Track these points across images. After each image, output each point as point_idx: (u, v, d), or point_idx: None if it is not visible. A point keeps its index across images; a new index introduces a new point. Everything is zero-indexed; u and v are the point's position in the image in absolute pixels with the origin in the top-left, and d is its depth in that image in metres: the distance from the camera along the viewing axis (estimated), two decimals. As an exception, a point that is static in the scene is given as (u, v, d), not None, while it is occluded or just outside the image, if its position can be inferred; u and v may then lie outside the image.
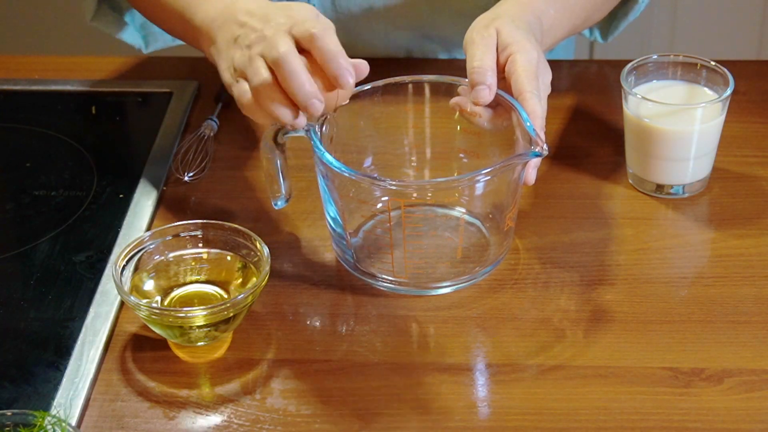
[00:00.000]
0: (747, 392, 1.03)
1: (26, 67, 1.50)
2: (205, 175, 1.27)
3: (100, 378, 1.07)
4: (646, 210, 1.23)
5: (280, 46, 1.05)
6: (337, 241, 1.16)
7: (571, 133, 1.33)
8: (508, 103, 1.11)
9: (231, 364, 1.08)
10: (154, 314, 1.06)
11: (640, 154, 1.24)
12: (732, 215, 1.22)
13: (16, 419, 0.96)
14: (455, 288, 1.14)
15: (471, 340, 1.09)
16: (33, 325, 1.11)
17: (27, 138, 1.37)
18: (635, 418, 1.01)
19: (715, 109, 1.21)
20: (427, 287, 1.14)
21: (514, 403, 1.03)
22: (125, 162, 1.33)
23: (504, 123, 1.13)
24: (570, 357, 1.07)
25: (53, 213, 1.25)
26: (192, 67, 1.47)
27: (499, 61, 1.14)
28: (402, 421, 1.02)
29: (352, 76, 1.05)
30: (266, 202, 1.25)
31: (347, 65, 1.05)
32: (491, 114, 1.13)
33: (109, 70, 1.48)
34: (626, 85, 1.22)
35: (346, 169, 1.08)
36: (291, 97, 1.05)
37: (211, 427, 1.02)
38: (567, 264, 1.17)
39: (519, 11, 1.18)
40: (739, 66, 1.36)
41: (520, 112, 1.09)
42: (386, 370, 1.06)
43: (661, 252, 1.18)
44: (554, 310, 1.12)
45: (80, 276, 1.16)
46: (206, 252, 1.14)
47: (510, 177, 1.10)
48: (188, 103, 1.40)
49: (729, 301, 1.12)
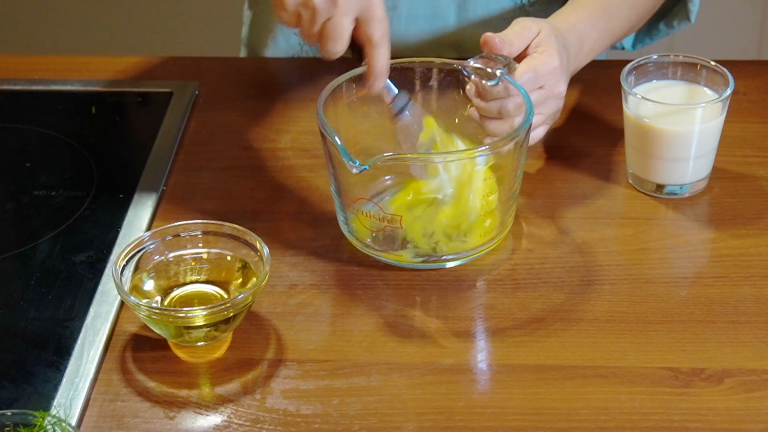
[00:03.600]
0: (747, 392, 1.03)
1: (26, 67, 1.50)
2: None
3: (100, 378, 1.07)
4: (646, 210, 1.23)
5: (339, 28, 1.12)
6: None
7: (571, 133, 1.33)
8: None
9: (231, 364, 1.08)
10: (154, 314, 1.06)
11: (640, 154, 1.24)
12: (732, 215, 1.22)
13: (16, 419, 0.96)
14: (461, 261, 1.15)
15: (471, 340, 1.09)
16: (33, 325, 1.11)
17: (27, 138, 1.37)
18: (635, 418, 1.01)
19: (715, 109, 1.21)
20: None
21: (514, 403, 1.03)
22: (125, 162, 1.33)
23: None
24: (570, 357, 1.07)
25: (53, 213, 1.25)
26: (192, 67, 1.47)
27: (524, 52, 1.19)
28: (402, 421, 1.02)
29: (379, 89, 1.17)
30: (266, 202, 1.25)
31: (380, 85, 1.16)
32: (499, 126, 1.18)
33: (109, 70, 1.47)
34: (626, 85, 1.22)
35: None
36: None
37: (211, 427, 1.02)
38: (567, 264, 1.17)
39: (565, 27, 1.24)
40: (739, 66, 1.36)
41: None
42: (386, 370, 1.06)
43: (661, 252, 1.18)
44: (554, 310, 1.12)
45: (80, 276, 1.16)
46: (206, 252, 1.14)
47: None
48: (188, 103, 1.40)
49: (729, 301, 1.12)
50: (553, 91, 1.21)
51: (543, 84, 1.20)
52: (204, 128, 1.37)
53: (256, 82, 1.45)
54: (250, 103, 1.40)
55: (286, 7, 1.13)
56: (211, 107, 1.40)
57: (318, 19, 1.12)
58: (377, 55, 1.15)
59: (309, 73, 1.45)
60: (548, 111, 1.22)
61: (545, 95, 1.20)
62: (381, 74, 1.16)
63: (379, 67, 1.15)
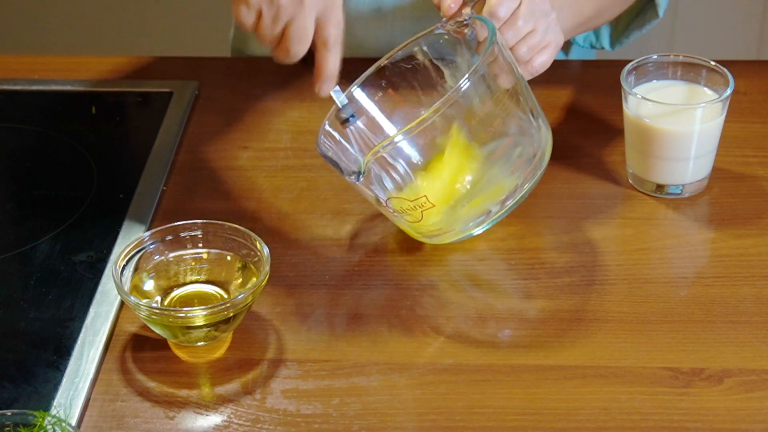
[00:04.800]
0: (747, 392, 1.03)
1: (26, 67, 1.50)
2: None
3: (100, 378, 1.07)
4: (646, 210, 1.23)
5: (302, 26, 1.11)
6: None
7: (571, 133, 1.33)
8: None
9: (231, 364, 1.08)
10: (154, 314, 1.06)
11: (640, 154, 1.24)
12: (732, 215, 1.22)
13: (16, 419, 0.96)
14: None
15: (471, 341, 1.09)
16: (33, 325, 1.11)
17: (27, 138, 1.37)
18: (635, 418, 1.01)
19: (715, 109, 1.21)
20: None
21: (514, 403, 1.03)
22: (125, 162, 1.33)
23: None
24: (570, 357, 1.07)
25: (53, 213, 1.25)
26: (192, 67, 1.47)
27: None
28: (402, 421, 1.02)
29: (326, 93, 1.15)
30: (266, 202, 1.25)
31: (328, 88, 1.14)
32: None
33: (109, 70, 1.47)
34: (626, 85, 1.22)
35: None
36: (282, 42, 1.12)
37: (211, 427, 1.02)
38: (567, 264, 1.17)
39: None
40: (739, 66, 1.36)
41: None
42: (386, 370, 1.06)
43: (661, 252, 1.18)
44: (554, 310, 1.12)
45: (80, 276, 1.16)
46: (206, 252, 1.14)
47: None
48: (188, 103, 1.40)
49: (729, 301, 1.12)
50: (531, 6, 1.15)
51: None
52: (204, 128, 1.37)
53: (256, 82, 1.45)
54: (250, 103, 1.40)
55: (248, 3, 1.10)
56: (211, 107, 1.40)
57: (281, 18, 1.10)
58: (329, 59, 1.13)
59: (309, 73, 1.44)
60: (534, 25, 1.16)
61: (528, 9, 1.15)
62: (331, 78, 1.14)
63: (329, 70, 1.13)
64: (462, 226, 1.15)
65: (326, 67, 1.13)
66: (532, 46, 1.17)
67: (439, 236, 1.16)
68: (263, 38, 1.13)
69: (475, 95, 1.10)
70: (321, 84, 1.14)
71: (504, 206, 1.15)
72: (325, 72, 1.13)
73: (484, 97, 1.11)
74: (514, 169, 1.14)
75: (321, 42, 1.13)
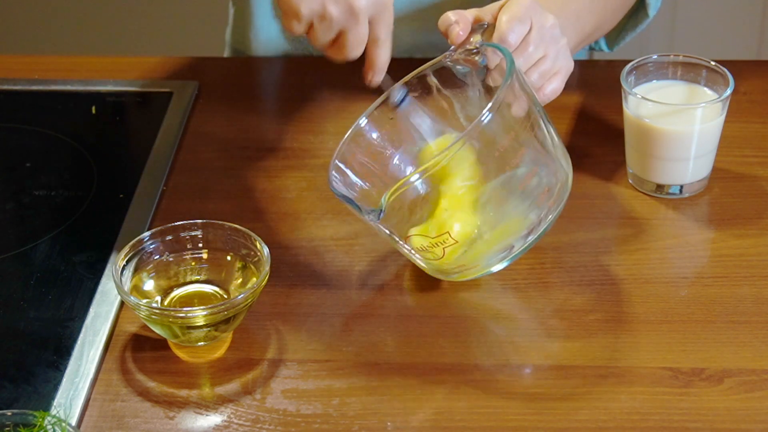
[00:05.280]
0: (747, 392, 1.03)
1: (26, 67, 1.50)
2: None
3: (100, 378, 1.07)
4: (646, 210, 1.23)
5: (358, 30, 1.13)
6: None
7: (571, 133, 1.33)
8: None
9: (231, 364, 1.08)
10: (154, 314, 1.06)
11: (640, 154, 1.24)
12: (732, 215, 1.22)
13: (16, 419, 0.96)
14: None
15: (471, 340, 1.09)
16: (33, 325, 1.11)
17: (27, 138, 1.37)
18: (635, 418, 1.01)
19: (715, 109, 1.21)
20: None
21: (514, 403, 1.03)
22: (125, 162, 1.33)
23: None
24: (570, 357, 1.07)
25: (53, 213, 1.25)
26: (192, 67, 1.47)
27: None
28: (402, 421, 1.02)
29: (378, 83, 1.17)
30: (266, 202, 1.25)
31: (379, 79, 1.17)
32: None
33: (109, 70, 1.48)
34: (626, 85, 1.22)
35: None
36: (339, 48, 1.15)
37: (211, 427, 1.02)
38: (567, 264, 1.17)
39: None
40: (739, 66, 1.36)
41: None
42: (386, 370, 1.06)
43: (661, 252, 1.18)
44: (554, 310, 1.12)
45: (80, 276, 1.16)
46: (206, 252, 1.14)
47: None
48: (188, 103, 1.40)
49: (729, 301, 1.12)
50: (543, 25, 1.15)
51: (529, 22, 1.14)
52: (204, 128, 1.37)
53: (256, 82, 1.45)
54: (250, 103, 1.40)
55: (300, 19, 1.13)
56: (211, 107, 1.40)
57: (334, 29, 1.13)
58: (381, 53, 1.16)
59: (309, 73, 1.45)
60: (545, 51, 1.16)
61: (539, 36, 1.15)
62: (382, 69, 1.17)
63: (381, 63, 1.16)
64: (485, 262, 1.11)
65: (378, 61, 1.16)
66: (543, 73, 1.16)
67: (460, 272, 1.12)
68: (315, 44, 1.16)
69: (497, 126, 1.07)
70: (373, 75, 1.17)
71: (526, 241, 1.11)
72: (376, 65, 1.16)
73: (505, 127, 1.08)
74: (537, 201, 1.10)
75: (372, 40, 1.15)
